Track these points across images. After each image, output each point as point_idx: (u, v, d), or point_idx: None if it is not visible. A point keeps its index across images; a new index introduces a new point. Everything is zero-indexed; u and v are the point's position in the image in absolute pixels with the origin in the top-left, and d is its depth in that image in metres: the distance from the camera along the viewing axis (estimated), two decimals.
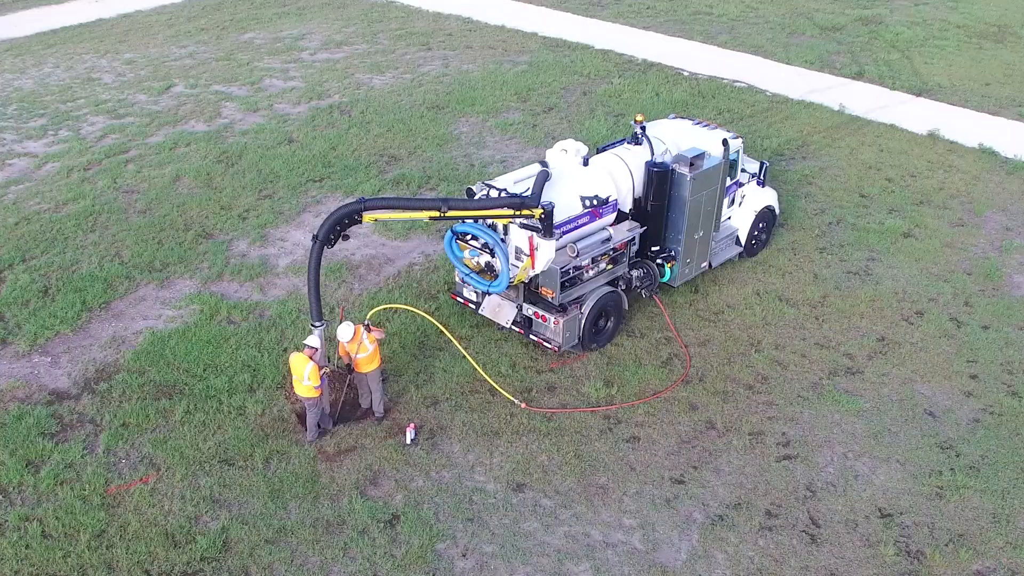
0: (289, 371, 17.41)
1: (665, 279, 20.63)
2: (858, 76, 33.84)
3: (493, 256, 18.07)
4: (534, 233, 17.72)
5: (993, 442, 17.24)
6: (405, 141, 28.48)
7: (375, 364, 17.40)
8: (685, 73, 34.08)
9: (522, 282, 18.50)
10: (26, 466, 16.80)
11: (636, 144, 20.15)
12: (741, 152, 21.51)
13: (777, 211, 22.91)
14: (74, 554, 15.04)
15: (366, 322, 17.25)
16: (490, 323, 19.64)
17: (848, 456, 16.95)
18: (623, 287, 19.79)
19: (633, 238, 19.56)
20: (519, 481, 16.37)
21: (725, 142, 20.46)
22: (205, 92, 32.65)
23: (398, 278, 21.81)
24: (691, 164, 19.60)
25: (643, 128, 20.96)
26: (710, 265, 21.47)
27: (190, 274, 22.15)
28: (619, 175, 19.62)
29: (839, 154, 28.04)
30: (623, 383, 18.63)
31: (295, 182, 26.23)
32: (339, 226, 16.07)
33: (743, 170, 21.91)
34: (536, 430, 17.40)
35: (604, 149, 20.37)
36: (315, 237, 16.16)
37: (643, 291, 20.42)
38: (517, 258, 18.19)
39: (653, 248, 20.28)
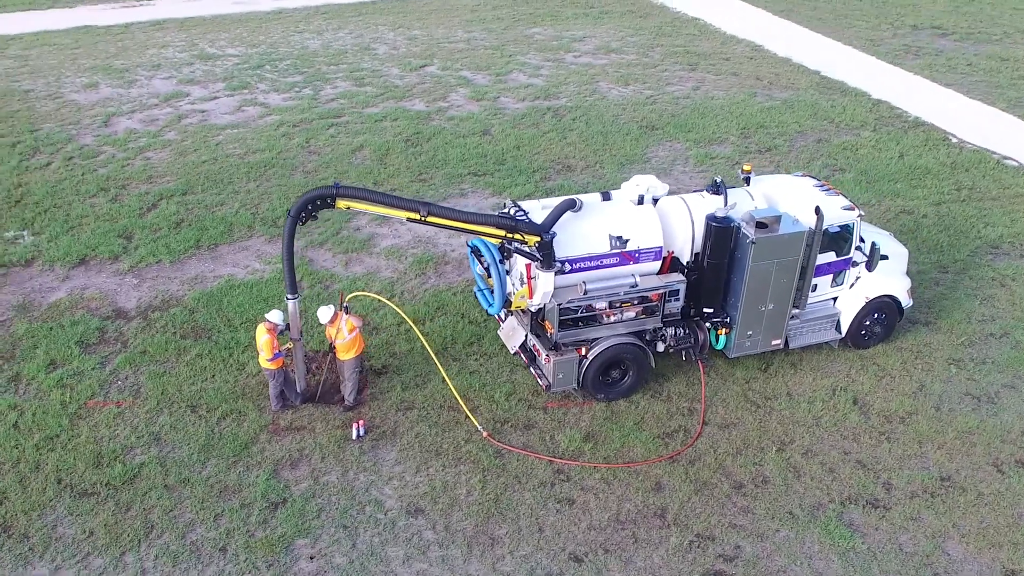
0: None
1: (719, 347, 18.37)
2: None
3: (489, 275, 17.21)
4: (532, 262, 16.57)
5: None
6: (591, 154, 27.70)
7: (352, 353, 17.33)
8: (953, 139, 29.73)
9: (520, 309, 17.41)
10: (47, 365, 18.66)
11: (715, 193, 18.07)
12: (858, 228, 18.50)
13: (905, 304, 19.41)
14: (20, 448, 16.51)
15: (344, 305, 17.20)
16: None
17: None
18: (652, 342, 17.89)
19: (671, 291, 17.56)
20: (421, 507, 15.55)
21: (818, 210, 17.73)
22: (450, 76, 33.89)
23: (470, 284, 21.39)
24: (759, 225, 17.24)
25: (747, 179, 18.83)
26: (786, 344, 18.75)
27: (300, 235, 23.18)
28: (676, 223, 17.76)
29: None
30: (603, 442, 16.96)
31: (457, 172, 26.54)
32: (310, 205, 16.13)
33: (859, 248, 18.82)
34: (478, 462, 16.40)
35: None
36: (288, 211, 16.36)
37: (684, 353, 18.33)
38: (523, 283, 17.16)
39: (706, 309, 18.11)
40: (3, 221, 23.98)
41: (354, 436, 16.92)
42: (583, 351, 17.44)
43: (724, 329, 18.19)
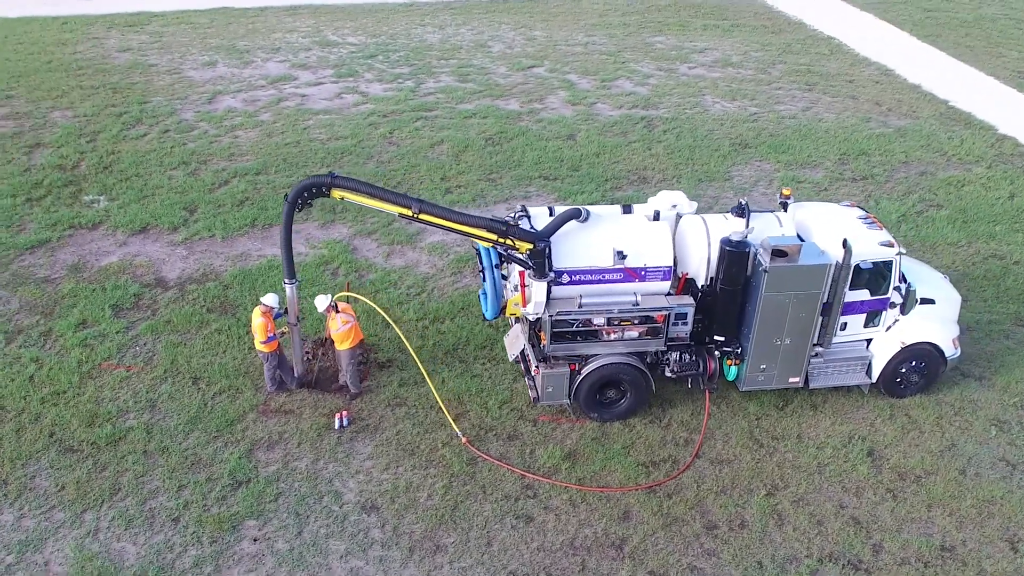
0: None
1: (730, 378, 17.44)
2: None
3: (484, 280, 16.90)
4: (525, 270, 16.15)
5: None
6: (671, 167, 26.85)
7: (347, 344, 17.38)
8: None
9: (514, 316, 17.01)
10: (78, 324, 19.53)
11: (739, 216, 17.15)
12: (897, 266, 17.16)
13: (949, 354, 17.87)
14: (26, 399, 17.34)
15: (333, 302, 17.24)
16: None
17: None
18: (657, 365, 17.17)
19: (677, 314, 16.74)
20: (377, 504, 15.41)
21: (845, 243, 16.54)
22: (555, 78, 33.58)
23: None
24: (777, 253, 16.24)
25: (784, 204, 17.85)
26: (806, 383, 17.61)
27: (350, 224, 23.53)
28: (692, 243, 16.95)
29: None
30: (583, 462, 16.35)
31: (528, 175, 26.25)
32: (306, 193, 16.23)
33: (897, 289, 17.46)
34: (448, 467, 16.11)
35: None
36: (286, 197, 16.51)
37: (690, 381, 17.49)
38: (516, 290, 16.77)
39: (717, 337, 17.21)
40: (88, 185, 25.20)
41: (336, 426, 16.90)
42: (577, 366, 16.78)
43: (735, 360, 17.17)
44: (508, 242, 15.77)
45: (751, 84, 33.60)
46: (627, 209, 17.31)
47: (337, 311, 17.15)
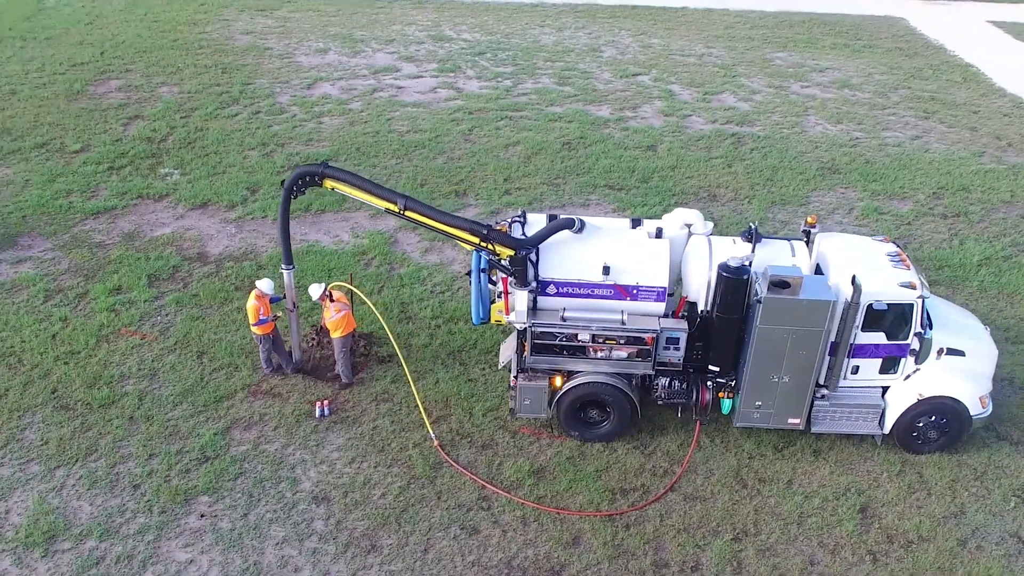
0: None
1: (724, 412, 16.59)
2: None
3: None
4: (508, 277, 15.83)
5: None
6: (746, 187, 25.79)
7: (339, 333, 17.49)
8: None
9: (498, 323, 16.68)
10: (112, 289, 20.43)
11: (748, 240, 16.29)
12: (918, 311, 15.88)
13: (975, 412, 16.41)
14: (43, 356, 18.26)
15: (326, 291, 17.35)
16: None
17: None
18: (648, 390, 16.52)
19: (669, 339, 16.03)
20: (329, 496, 15.42)
21: (854, 280, 15.44)
22: (657, 87, 32.84)
23: None
24: (776, 284, 15.33)
25: (807, 232, 16.87)
26: (808, 427, 16.55)
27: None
28: (694, 265, 16.21)
29: None
30: (549, 480, 15.88)
31: (594, 182, 25.78)
32: (300, 181, 16.37)
33: (918, 334, 16.15)
34: (412, 468, 15.95)
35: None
36: (282, 183, 16.72)
37: (680, 410, 16.74)
38: (499, 297, 16.47)
39: (712, 367, 16.40)
40: (168, 158, 26.29)
41: (317, 414, 16.97)
42: (558, 381, 16.28)
43: (727, 393, 16.27)
44: (488, 247, 15.38)
45: (863, 108, 31.80)
46: (636, 224, 16.62)
47: (331, 300, 17.18)
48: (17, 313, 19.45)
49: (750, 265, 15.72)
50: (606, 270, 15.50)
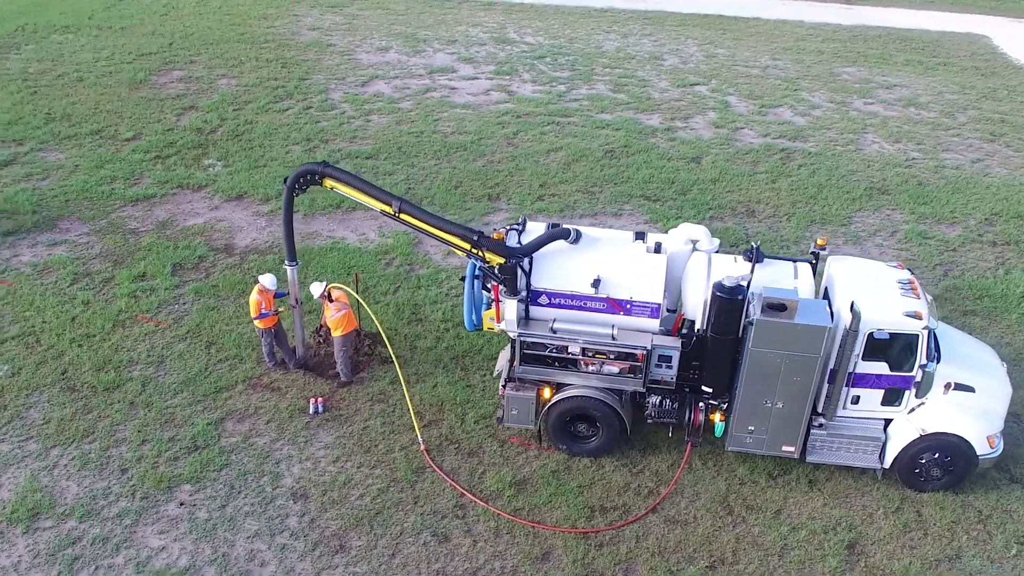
0: None
1: (717, 434, 16.24)
2: None
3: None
4: (499, 284, 15.75)
5: None
6: (787, 204, 25.17)
7: (339, 332, 17.63)
8: None
9: (490, 330, 16.59)
10: (136, 276, 20.96)
11: (748, 259, 15.89)
12: (924, 342, 15.27)
13: (982, 452, 15.71)
14: (60, 337, 18.81)
15: (325, 292, 17.48)
16: None
17: None
18: (640, 407, 16.25)
19: (661, 356, 15.73)
20: (308, 494, 15.54)
21: (853, 307, 14.93)
22: (713, 98, 32.28)
23: None
24: (771, 307, 14.92)
25: (815, 254, 16.43)
26: (802, 456, 16.08)
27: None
28: (692, 282, 15.89)
29: None
30: (529, 493, 15.74)
31: (629, 192, 25.47)
32: (302, 179, 16.54)
33: (922, 367, 15.51)
34: (394, 471, 15.96)
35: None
36: (285, 180, 16.91)
37: (671, 430, 16.42)
38: (489, 305, 16.39)
39: (705, 388, 16.05)
40: (213, 149, 26.84)
41: (310, 411, 17.10)
42: (547, 393, 16.11)
43: (717, 415, 15.89)
44: (479, 253, 15.28)
45: (925, 127, 30.71)
46: (640, 236, 16.34)
47: (331, 299, 17.29)
48: (43, 294, 20.05)
49: (748, 285, 15.27)
50: (596, 283, 15.22)
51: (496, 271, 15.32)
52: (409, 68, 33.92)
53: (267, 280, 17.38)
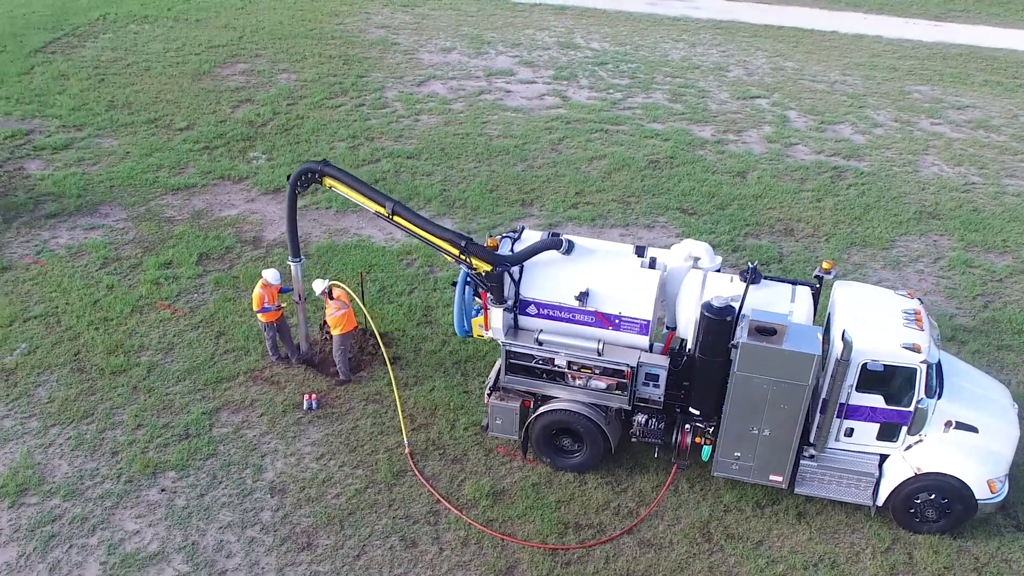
0: None
1: (704, 458, 15.89)
2: None
3: None
4: (487, 292, 15.70)
5: None
6: (828, 225, 24.43)
7: (338, 330, 17.80)
8: None
9: (480, 337, 16.52)
10: (163, 263, 21.51)
11: (744, 280, 15.49)
12: (922, 377, 14.67)
13: (981, 497, 14.99)
14: (79, 319, 19.43)
15: (327, 287, 17.64)
16: None
17: None
18: (626, 424, 16.01)
19: (648, 374, 15.46)
20: (286, 489, 15.74)
21: (844, 336, 14.44)
22: (772, 113, 31.52)
23: None
24: (760, 331, 14.54)
25: (819, 278, 15.98)
26: (791, 488, 15.61)
27: (461, 220, 23.76)
28: (684, 300, 15.60)
29: None
30: (506, 504, 15.63)
31: (665, 204, 25.08)
32: (303, 177, 16.72)
33: (920, 404, 14.90)
34: (375, 472, 16.02)
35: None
36: (288, 177, 17.12)
37: (657, 450, 16.13)
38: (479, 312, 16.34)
39: (693, 409, 15.73)
40: (261, 142, 27.35)
41: (304, 407, 17.27)
42: (530, 404, 15.97)
43: (704, 439, 15.53)
44: (466, 259, 15.22)
45: (992, 151, 29.45)
46: (640, 251, 16.06)
47: (331, 297, 17.42)
48: (72, 276, 20.69)
49: (741, 307, 14.87)
50: (582, 296, 15.00)
51: (483, 278, 15.17)
52: (468, 69, 33.98)
53: (270, 275, 17.59)
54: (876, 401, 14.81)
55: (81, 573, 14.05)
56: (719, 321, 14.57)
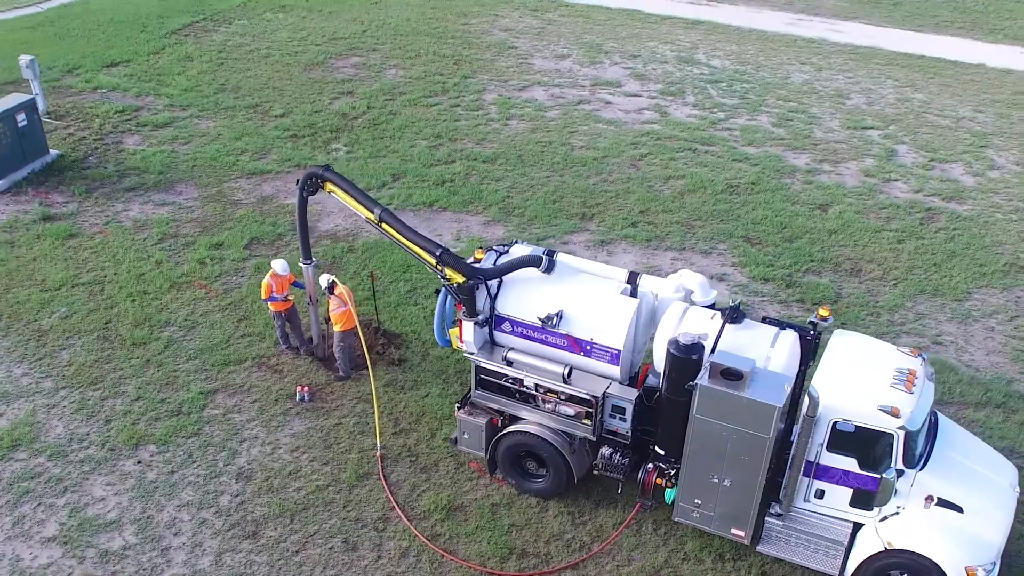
0: None
1: (667, 501, 15.35)
2: None
3: None
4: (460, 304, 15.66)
5: None
6: (904, 269, 22.94)
7: (338, 326, 18.12)
8: None
9: (458, 349, 16.45)
10: (214, 245, 22.43)
11: (731, 321, 14.78)
12: (899, 443, 13.69)
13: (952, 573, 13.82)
14: (120, 290, 20.53)
15: (330, 282, 17.95)
16: None
17: None
18: (591, 454, 15.58)
19: (614, 406, 15.05)
20: (253, 477, 16.14)
21: (810, 391, 13.63)
22: (880, 146, 29.77)
23: None
24: (723, 373, 13.89)
25: (814, 324, 15.12)
26: (753, 544, 14.87)
27: (512, 229, 23.72)
28: (661, 332, 14.98)
29: None
30: (457, 521, 15.52)
31: (728, 231, 24.20)
32: (309, 181, 17.03)
33: (900, 472, 13.89)
34: (341, 471, 16.22)
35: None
36: (297, 181, 17.50)
37: (619, 486, 15.68)
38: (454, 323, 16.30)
39: (659, 449, 15.21)
40: (347, 135, 28.06)
41: (296, 398, 17.65)
42: (498, 422, 15.80)
43: (664, 480, 14.96)
44: (440, 269, 15.17)
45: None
46: (633, 278, 15.61)
47: (332, 294, 17.69)
48: (128, 249, 21.84)
49: (715, 347, 14.20)
50: (548, 319, 14.66)
51: (455, 289, 15.06)
52: (575, 78, 33.71)
53: (278, 265, 18.00)
54: (849, 464, 13.85)
55: (40, 530, 14.76)
56: (684, 360, 13.93)
